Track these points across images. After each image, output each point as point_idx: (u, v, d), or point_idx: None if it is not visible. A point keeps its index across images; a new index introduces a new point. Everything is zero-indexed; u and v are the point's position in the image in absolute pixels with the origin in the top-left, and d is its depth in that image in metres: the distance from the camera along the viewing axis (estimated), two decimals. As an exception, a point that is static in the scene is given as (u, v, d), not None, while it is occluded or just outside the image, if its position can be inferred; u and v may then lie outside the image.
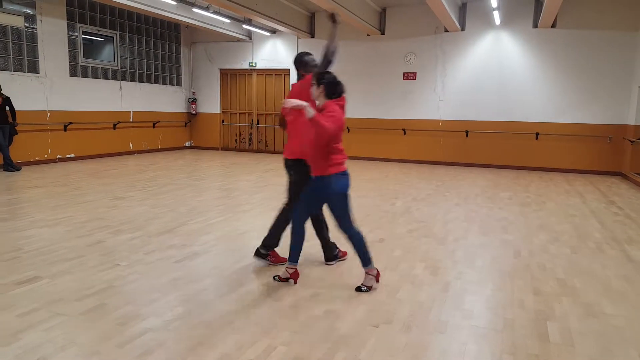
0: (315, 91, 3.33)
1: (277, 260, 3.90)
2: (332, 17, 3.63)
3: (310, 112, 3.02)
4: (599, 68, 9.81)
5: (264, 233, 3.91)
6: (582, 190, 8.10)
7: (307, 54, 3.86)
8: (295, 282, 3.52)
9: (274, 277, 3.58)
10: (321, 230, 3.98)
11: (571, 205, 6.75)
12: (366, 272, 3.46)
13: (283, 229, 3.85)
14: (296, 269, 3.53)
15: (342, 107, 3.35)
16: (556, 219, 5.90)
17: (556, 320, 3.03)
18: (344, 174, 3.35)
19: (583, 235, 5.16)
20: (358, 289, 3.41)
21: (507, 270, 3.96)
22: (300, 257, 3.57)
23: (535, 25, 10.13)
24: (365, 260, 3.44)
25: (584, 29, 9.81)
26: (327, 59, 3.59)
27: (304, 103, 3.08)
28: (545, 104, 10.30)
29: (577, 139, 10.17)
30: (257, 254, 3.92)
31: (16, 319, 2.84)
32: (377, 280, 3.50)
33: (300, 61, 3.82)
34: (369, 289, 3.42)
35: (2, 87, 8.34)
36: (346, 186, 3.35)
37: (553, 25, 9.98)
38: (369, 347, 2.63)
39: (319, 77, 3.32)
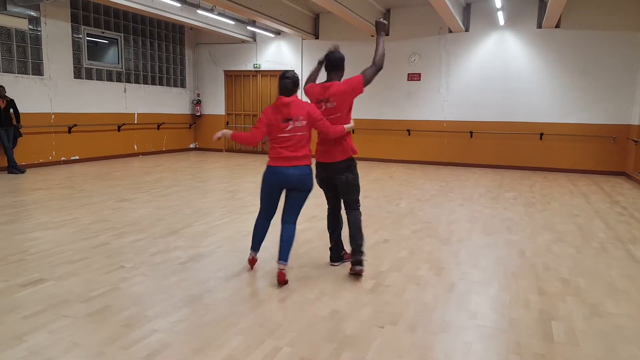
0: None
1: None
2: (382, 26, 3.79)
3: (228, 134, 3.59)
4: (603, 68, 9.77)
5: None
6: (586, 190, 8.07)
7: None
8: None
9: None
10: (337, 227, 3.99)
11: (575, 206, 6.72)
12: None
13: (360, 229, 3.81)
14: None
15: (275, 106, 3.49)
16: (560, 219, 5.89)
17: (561, 320, 3.02)
18: (269, 169, 3.57)
19: (587, 235, 5.15)
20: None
21: (512, 270, 3.95)
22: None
23: (539, 26, 10.11)
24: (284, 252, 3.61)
25: (588, 29, 9.78)
26: (377, 67, 3.89)
27: (223, 132, 3.59)
28: (550, 104, 10.27)
29: (581, 139, 10.13)
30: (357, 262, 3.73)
31: (21, 321, 2.86)
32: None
33: (343, 58, 3.93)
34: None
35: (6, 90, 8.39)
36: (265, 179, 3.60)
37: (557, 26, 9.96)
38: (374, 347, 2.63)
39: None
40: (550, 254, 4.44)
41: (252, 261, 3.82)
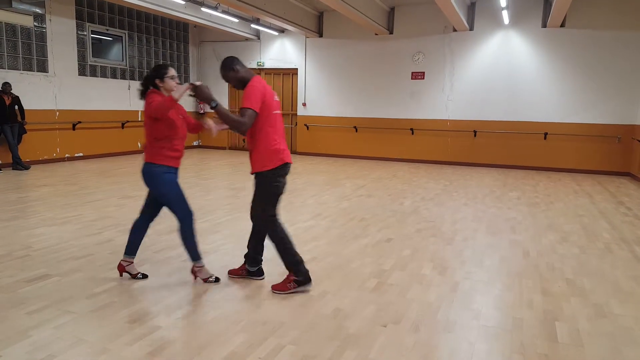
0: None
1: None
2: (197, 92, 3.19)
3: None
4: (608, 68, 9.73)
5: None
6: (591, 190, 8.04)
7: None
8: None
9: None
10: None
11: (580, 206, 6.70)
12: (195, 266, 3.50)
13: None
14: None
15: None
16: (565, 219, 5.86)
17: (565, 321, 3.01)
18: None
19: (592, 235, 5.13)
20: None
21: (516, 270, 3.94)
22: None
23: (544, 25, 10.06)
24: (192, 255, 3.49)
25: (593, 28, 9.73)
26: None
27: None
28: (554, 103, 10.23)
29: (586, 139, 10.09)
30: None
31: (26, 317, 2.87)
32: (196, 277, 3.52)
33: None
34: (207, 281, 3.49)
35: (11, 86, 8.41)
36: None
37: (562, 25, 9.91)
38: (377, 346, 2.62)
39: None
40: (555, 254, 4.43)
41: None
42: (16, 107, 8.50)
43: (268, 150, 3.32)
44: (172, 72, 3.39)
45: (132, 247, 3.52)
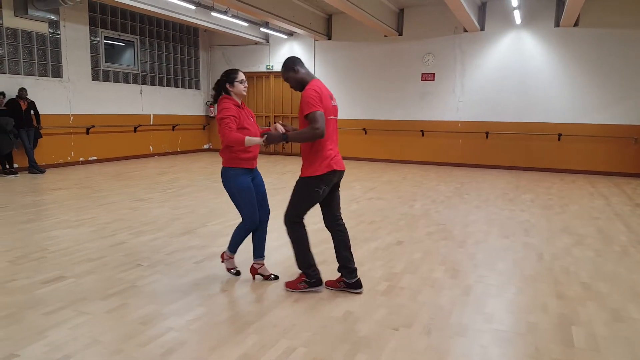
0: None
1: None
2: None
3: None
4: (623, 68, 9.60)
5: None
6: (607, 192, 7.93)
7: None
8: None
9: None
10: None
11: (595, 208, 6.61)
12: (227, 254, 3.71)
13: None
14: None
15: None
16: (580, 221, 5.79)
17: (581, 325, 2.97)
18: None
19: (608, 238, 5.05)
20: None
21: (530, 274, 3.89)
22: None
23: (557, 25, 9.97)
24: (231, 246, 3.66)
25: (607, 27, 9.62)
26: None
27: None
28: (568, 104, 10.12)
29: (601, 140, 9.96)
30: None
31: (43, 317, 2.91)
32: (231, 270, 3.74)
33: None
34: (229, 271, 3.74)
35: (27, 92, 8.56)
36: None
37: (575, 24, 9.81)
38: (389, 349, 2.61)
39: None
40: (570, 257, 4.37)
41: None
42: (32, 112, 8.64)
43: (317, 156, 3.22)
44: (241, 76, 3.54)
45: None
